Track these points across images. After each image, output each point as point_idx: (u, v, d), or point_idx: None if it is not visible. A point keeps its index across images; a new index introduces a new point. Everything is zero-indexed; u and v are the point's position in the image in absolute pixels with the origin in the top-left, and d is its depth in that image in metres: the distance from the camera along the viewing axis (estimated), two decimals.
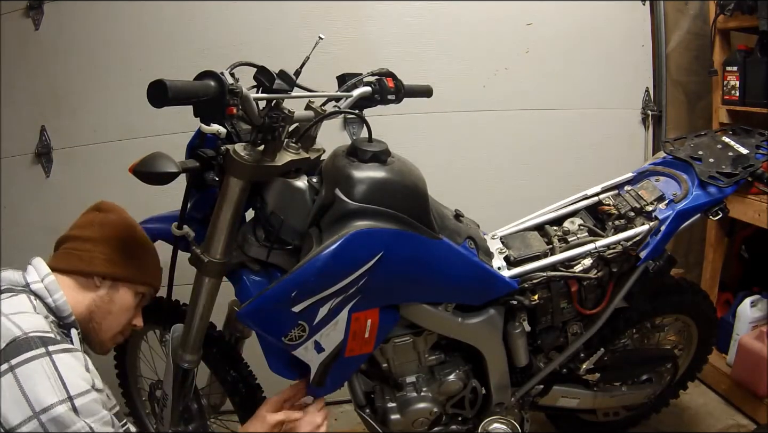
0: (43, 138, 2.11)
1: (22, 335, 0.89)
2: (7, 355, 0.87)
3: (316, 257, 1.07)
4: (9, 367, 0.86)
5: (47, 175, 2.14)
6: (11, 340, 0.89)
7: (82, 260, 1.12)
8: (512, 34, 2.16)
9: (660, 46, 2.24)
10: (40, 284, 1.05)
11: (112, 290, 1.15)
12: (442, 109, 2.11)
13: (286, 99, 1.10)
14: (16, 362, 0.86)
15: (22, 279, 1.05)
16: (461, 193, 1.87)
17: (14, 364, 0.86)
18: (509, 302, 1.38)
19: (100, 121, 2.09)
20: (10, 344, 0.88)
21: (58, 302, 1.06)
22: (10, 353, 0.87)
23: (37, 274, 1.06)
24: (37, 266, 1.08)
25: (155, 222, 1.31)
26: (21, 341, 0.89)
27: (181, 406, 1.37)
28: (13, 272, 1.06)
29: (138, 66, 2.04)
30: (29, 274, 1.06)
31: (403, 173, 1.20)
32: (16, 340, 0.89)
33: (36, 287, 1.05)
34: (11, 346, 0.88)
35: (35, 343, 0.90)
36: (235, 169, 1.10)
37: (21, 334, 0.90)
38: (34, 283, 1.05)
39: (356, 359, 1.27)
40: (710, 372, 2.07)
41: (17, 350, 0.88)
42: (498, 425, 1.43)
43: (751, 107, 1.98)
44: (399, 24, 2.10)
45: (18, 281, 1.04)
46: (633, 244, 1.41)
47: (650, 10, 2.24)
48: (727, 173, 1.46)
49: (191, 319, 1.24)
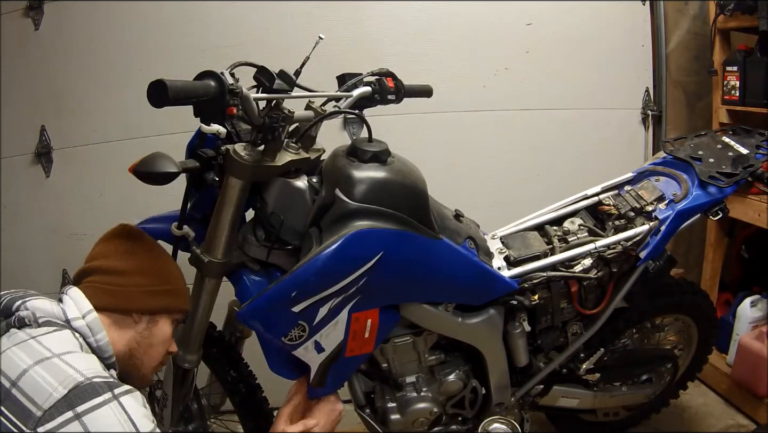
0: (43, 138, 2.11)
1: (85, 381, 0.83)
2: (70, 402, 0.80)
3: (317, 256, 1.07)
4: (75, 415, 0.80)
5: (47, 175, 2.15)
6: (74, 386, 0.82)
7: (118, 296, 1.02)
8: (512, 34, 2.16)
9: (660, 46, 2.24)
10: (82, 321, 0.96)
11: (151, 323, 1.07)
12: (442, 109, 2.11)
13: (286, 99, 1.10)
14: (82, 409, 0.80)
15: (61, 313, 0.95)
16: (461, 193, 1.87)
17: (80, 412, 0.80)
18: (509, 302, 1.38)
19: (100, 121, 2.10)
20: (72, 390, 0.81)
21: (100, 342, 0.97)
22: (74, 400, 0.81)
23: (77, 309, 0.97)
24: (76, 299, 0.98)
25: (155, 222, 1.31)
26: (86, 387, 0.82)
27: (181, 406, 1.37)
28: (49, 303, 0.96)
29: (138, 66, 2.04)
30: (68, 307, 0.97)
31: (403, 173, 1.20)
32: (79, 386, 0.82)
33: (78, 324, 0.95)
34: (74, 392, 0.81)
35: (101, 388, 0.83)
36: (235, 169, 1.10)
37: (84, 379, 0.83)
38: (75, 320, 0.95)
39: (356, 359, 1.27)
40: (710, 372, 2.07)
41: (82, 397, 0.81)
42: (498, 425, 1.43)
43: (751, 107, 1.97)
44: (399, 24, 2.10)
45: (57, 315, 0.95)
46: (633, 244, 1.41)
47: (650, 10, 2.24)
48: (727, 173, 1.46)
49: (191, 319, 1.24)
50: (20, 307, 0.94)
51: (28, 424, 0.79)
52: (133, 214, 1.27)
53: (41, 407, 0.80)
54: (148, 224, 1.31)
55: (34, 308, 0.94)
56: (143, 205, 1.35)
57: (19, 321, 0.93)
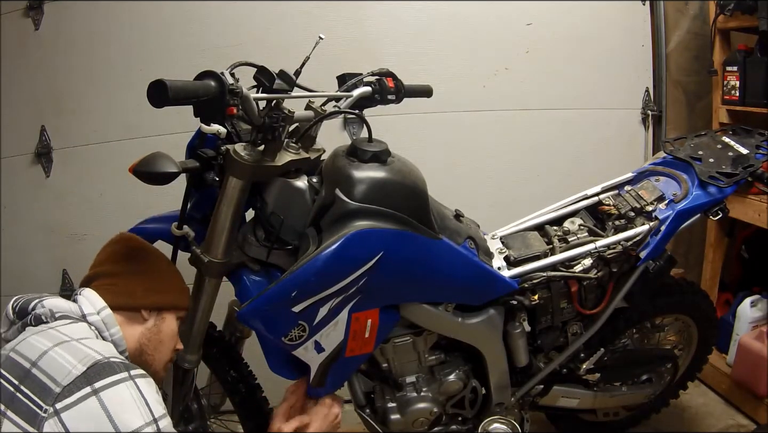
0: (43, 138, 2.11)
1: (103, 359, 0.86)
2: (89, 378, 0.83)
3: (317, 256, 1.07)
4: (93, 390, 0.82)
5: (47, 175, 2.15)
6: (92, 363, 0.85)
7: (124, 294, 1.06)
8: (512, 34, 2.16)
9: (660, 46, 2.24)
10: (97, 316, 1.00)
11: (159, 320, 1.10)
12: (442, 109, 2.11)
13: (286, 99, 1.10)
14: (100, 385, 0.83)
15: (77, 309, 0.99)
16: (461, 193, 1.87)
17: (98, 387, 0.83)
18: (509, 302, 1.38)
19: (100, 121, 2.09)
20: (91, 368, 0.84)
21: (114, 336, 1.01)
22: (93, 377, 0.83)
23: (92, 306, 1.00)
24: (90, 298, 1.02)
25: (155, 222, 1.31)
26: (104, 365, 0.86)
27: (181, 406, 1.37)
28: (65, 301, 1.00)
29: (138, 66, 2.04)
30: (83, 305, 1.00)
31: (403, 173, 1.20)
32: (97, 363, 0.85)
33: (93, 319, 0.99)
34: (93, 369, 0.84)
35: (119, 367, 0.86)
36: (235, 169, 1.10)
37: (102, 358, 0.86)
38: (90, 315, 0.99)
39: (356, 359, 1.27)
40: (710, 372, 2.07)
41: (100, 374, 0.84)
42: (498, 425, 1.43)
43: (751, 107, 1.97)
44: (399, 24, 2.10)
45: (74, 311, 0.99)
46: (633, 244, 1.41)
47: (650, 10, 2.24)
48: (727, 173, 1.46)
49: (191, 319, 1.24)
50: (36, 306, 0.98)
51: (47, 400, 0.82)
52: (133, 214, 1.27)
53: (60, 383, 0.82)
54: (148, 224, 1.31)
55: (50, 305, 0.98)
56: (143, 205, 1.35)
57: (36, 319, 0.97)
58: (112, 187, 2.10)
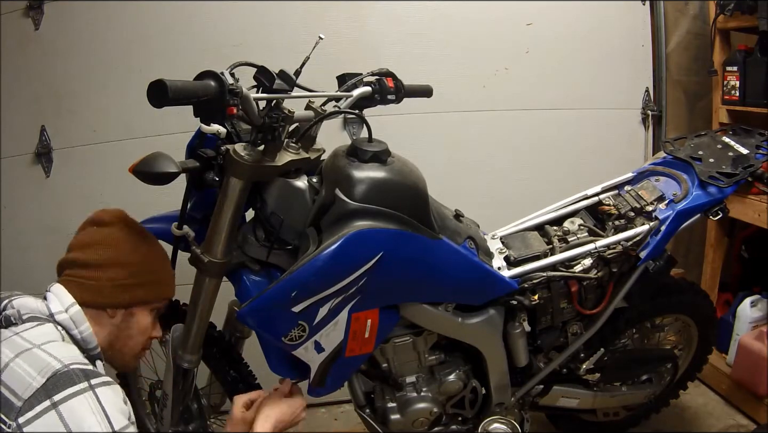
0: (43, 138, 2.11)
1: (62, 368, 0.85)
2: (48, 391, 0.82)
3: (317, 256, 1.07)
4: (52, 404, 0.81)
5: (47, 175, 2.14)
6: (51, 374, 0.83)
7: (90, 291, 1.04)
8: (512, 34, 2.16)
9: (660, 46, 2.24)
10: (65, 314, 0.99)
11: (128, 316, 1.09)
12: (442, 109, 2.11)
13: (286, 99, 1.10)
14: (59, 398, 0.82)
15: (45, 308, 0.98)
16: (461, 193, 1.87)
17: (57, 400, 0.82)
18: (509, 302, 1.38)
19: (100, 121, 2.09)
20: (50, 379, 0.83)
21: (84, 333, 1.00)
22: (52, 389, 0.82)
23: (60, 303, 1.00)
24: (59, 295, 1.01)
25: (155, 222, 1.31)
26: (62, 375, 0.84)
27: (181, 406, 1.37)
28: (33, 300, 0.99)
29: (138, 66, 2.04)
30: (51, 303, 1.00)
31: (403, 173, 1.20)
32: (56, 374, 0.84)
33: (61, 317, 0.98)
34: (51, 381, 0.83)
35: (77, 376, 0.85)
36: (235, 169, 1.10)
37: (61, 366, 0.85)
38: (58, 313, 0.98)
39: (356, 359, 1.27)
40: (710, 372, 2.07)
41: (59, 386, 0.83)
42: (498, 425, 1.43)
43: (751, 107, 1.98)
44: (399, 24, 2.10)
45: (41, 310, 0.98)
46: (633, 244, 1.41)
47: (650, 10, 2.24)
48: (727, 173, 1.46)
49: (191, 319, 1.24)
50: (6, 306, 0.97)
51: (11, 415, 0.81)
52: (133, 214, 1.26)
53: (21, 397, 0.82)
54: (148, 224, 1.30)
55: (19, 305, 0.97)
56: (143, 205, 1.35)
57: (6, 320, 0.96)
58: (112, 187, 2.10)
